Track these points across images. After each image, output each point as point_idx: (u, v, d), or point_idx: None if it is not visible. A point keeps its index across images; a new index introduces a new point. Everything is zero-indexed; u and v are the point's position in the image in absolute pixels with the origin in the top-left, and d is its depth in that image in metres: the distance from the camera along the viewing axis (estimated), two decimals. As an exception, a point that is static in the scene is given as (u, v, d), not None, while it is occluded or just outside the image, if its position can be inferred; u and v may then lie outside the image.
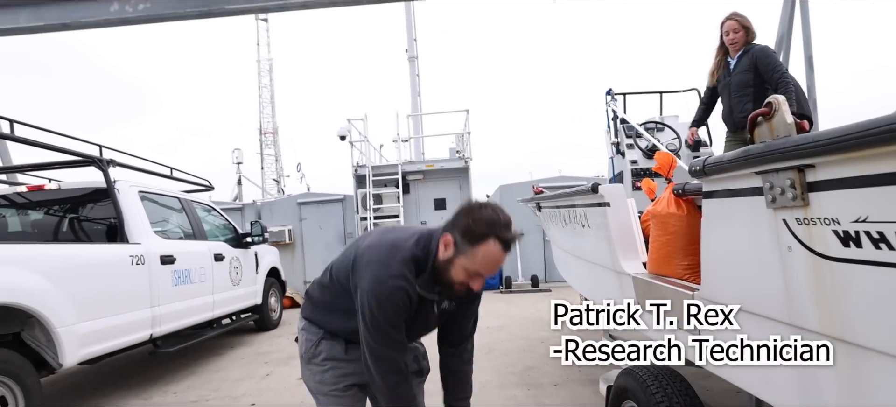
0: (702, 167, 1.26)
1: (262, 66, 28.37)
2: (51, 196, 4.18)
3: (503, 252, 1.32)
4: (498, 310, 7.14)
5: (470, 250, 1.33)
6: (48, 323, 2.94)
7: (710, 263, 1.42)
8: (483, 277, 1.39)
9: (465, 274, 1.37)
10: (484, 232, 1.31)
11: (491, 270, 1.34)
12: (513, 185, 10.36)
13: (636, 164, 4.19)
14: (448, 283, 1.42)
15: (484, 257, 1.32)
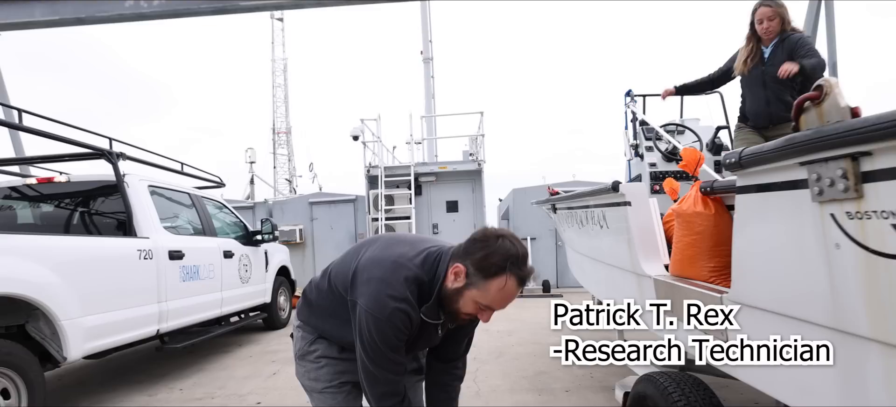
0: (738, 159, 1.15)
1: (276, 65, 28.62)
2: (60, 189, 4.17)
3: (518, 288, 1.26)
4: (509, 314, 7.01)
5: (483, 284, 1.26)
6: (53, 315, 2.90)
7: (743, 263, 1.31)
8: (493, 311, 1.31)
9: (475, 307, 1.30)
10: (501, 266, 1.24)
11: (503, 306, 1.29)
12: (526, 188, 10.24)
13: (655, 167, 4.06)
14: (453, 312, 1.34)
15: (498, 292, 1.25)
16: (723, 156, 1.25)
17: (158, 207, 4.23)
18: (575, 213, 3.19)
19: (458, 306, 1.31)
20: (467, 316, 1.34)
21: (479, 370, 4.06)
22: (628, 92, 4.60)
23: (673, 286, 1.68)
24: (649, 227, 2.02)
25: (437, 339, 1.49)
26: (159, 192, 4.40)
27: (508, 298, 1.26)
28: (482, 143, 10.16)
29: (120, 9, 7.23)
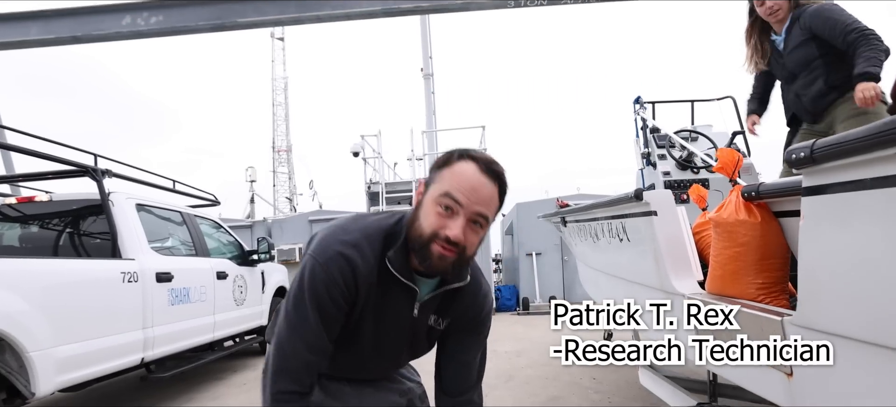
0: (809, 154, 0.92)
1: (277, 84, 28.66)
2: (41, 209, 3.96)
3: (479, 173, 0.99)
4: (516, 333, 6.76)
5: (437, 176, 1.02)
6: (19, 346, 2.65)
7: (815, 281, 1.08)
8: (459, 211, 0.99)
9: (436, 210, 0.99)
10: (451, 155, 1.03)
11: (463, 191, 0.98)
12: (530, 203, 10.04)
13: (669, 176, 3.83)
14: (422, 242, 1.01)
15: (451, 176, 1.00)
16: (787, 152, 1.03)
17: (147, 226, 4.01)
18: (588, 226, 2.96)
19: (421, 226, 1.01)
20: (438, 242, 0.99)
21: (487, 396, 3.78)
22: (637, 98, 4.40)
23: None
24: (679, 238, 1.78)
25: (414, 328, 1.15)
26: (149, 211, 4.19)
27: (469, 182, 0.98)
28: (485, 158, 9.98)
29: (117, 27, 7.10)
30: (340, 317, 1.05)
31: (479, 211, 1.00)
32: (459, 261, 1.03)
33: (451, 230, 0.98)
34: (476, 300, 1.20)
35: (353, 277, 1.02)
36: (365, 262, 1.03)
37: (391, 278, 1.05)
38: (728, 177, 1.57)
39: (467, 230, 1.00)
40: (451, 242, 0.98)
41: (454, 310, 1.17)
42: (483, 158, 1.03)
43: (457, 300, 1.16)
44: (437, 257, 1.00)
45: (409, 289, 1.07)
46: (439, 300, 1.15)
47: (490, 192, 1.01)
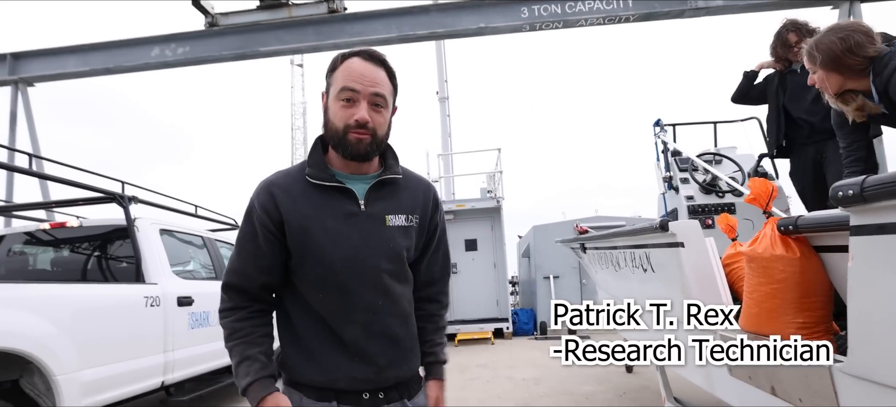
0: (859, 191, 0.89)
1: (295, 108, 29.19)
2: (72, 234, 4.05)
3: (364, 61, 1.16)
4: (534, 359, 6.65)
5: (332, 78, 1.18)
6: (47, 370, 2.69)
7: (868, 327, 1.03)
8: (357, 98, 1.15)
9: (340, 105, 1.15)
10: (339, 57, 1.20)
11: (356, 81, 1.14)
12: (547, 225, 9.97)
13: (693, 200, 3.77)
14: (339, 136, 1.16)
15: (343, 72, 1.16)
16: (833, 189, 0.99)
17: (170, 250, 4.07)
18: (609, 254, 2.92)
19: (332, 122, 1.17)
20: (351, 130, 1.15)
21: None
22: (657, 121, 4.37)
23: (751, 346, 1.39)
24: (708, 271, 1.74)
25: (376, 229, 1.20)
26: (171, 235, 4.26)
27: (358, 73, 1.15)
28: (500, 180, 9.97)
29: (146, 58, 7.38)
30: (274, 231, 1.16)
31: (375, 91, 1.15)
32: (374, 140, 1.17)
33: (357, 114, 1.13)
34: (419, 182, 1.32)
35: (270, 196, 1.17)
36: (282, 180, 1.20)
37: (320, 188, 1.18)
38: (761, 209, 1.53)
39: (371, 112, 1.15)
40: (361, 125, 1.14)
41: (404, 202, 1.25)
42: (364, 51, 1.18)
43: (402, 192, 1.26)
44: (355, 142, 1.15)
45: (341, 189, 1.19)
46: (386, 196, 1.23)
47: (378, 74, 1.17)
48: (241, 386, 1.14)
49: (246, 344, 1.17)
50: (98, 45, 7.44)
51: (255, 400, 1.11)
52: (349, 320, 1.17)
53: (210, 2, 6.92)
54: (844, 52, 1.83)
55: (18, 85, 7.39)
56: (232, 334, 1.18)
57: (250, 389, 1.12)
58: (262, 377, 1.13)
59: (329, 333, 1.17)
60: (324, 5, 6.84)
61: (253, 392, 1.11)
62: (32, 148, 7.18)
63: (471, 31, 6.92)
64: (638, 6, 6.52)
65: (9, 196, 5.84)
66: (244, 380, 1.13)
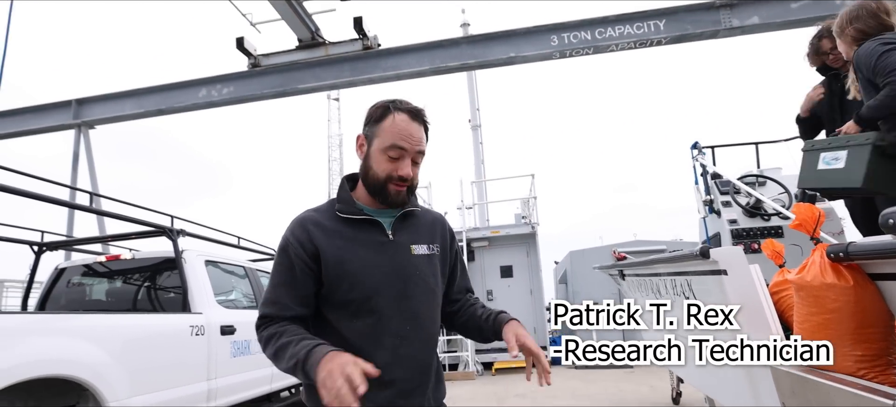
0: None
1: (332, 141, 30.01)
2: (125, 266, 4.26)
3: (411, 121, 1.26)
4: (574, 389, 6.47)
5: (377, 130, 1.27)
6: (101, 396, 2.82)
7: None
8: (406, 155, 1.25)
9: (386, 159, 1.25)
10: (385, 107, 1.28)
11: (405, 140, 1.24)
12: (584, 250, 9.78)
13: (737, 224, 3.65)
14: (379, 184, 1.27)
15: (391, 129, 1.25)
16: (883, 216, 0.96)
17: (214, 280, 4.22)
18: (649, 281, 2.85)
19: (374, 171, 1.27)
20: (393, 181, 1.26)
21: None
22: (694, 144, 4.29)
23: (810, 384, 1.32)
24: (755, 301, 1.68)
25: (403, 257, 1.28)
26: (216, 266, 4.42)
27: (406, 132, 1.24)
28: (535, 206, 9.90)
29: (194, 98, 7.81)
30: (309, 263, 1.22)
31: (419, 150, 1.27)
32: (409, 190, 1.29)
33: (402, 170, 1.25)
34: (434, 216, 1.43)
35: (305, 230, 1.25)
36: (314, 216, 1.28)
37: (351, 221, 1.27)
38: (809, 235, 1.47)
39: (412, 167, 1.26)
40: (404, 179, 1.25)
41: (424, 233, 1.35)
42: (411, 109, 1.27)
43: (421, 224, 1.36)
44: (394, 193, 1.26)
45: (370, 221, 1.28)
46: (409, 228, 1.32)
47: (421, 133, 1.28)
48: (301, 356, 1.10)
49: (295, 334, 1.17)
50: (152, 89, 7.92)
51: (315, 364, 1.07)
52: (379, 345, 1.22)
53: (253, 44, 7.28)
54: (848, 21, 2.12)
55: (81, 128, 7.92)
56: (279, 336, 1.19)
57: (314, 350, 1.09)
58: (317, 344, 1.11)
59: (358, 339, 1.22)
60: (359, 43, 7.09)
61: (316, 352, 1.08)
62: (92, 186, 7.64)
63: (501, 60, 7.01)
64: (669, 28, 6.47)
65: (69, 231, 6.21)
66: (302, 351, 1.11)
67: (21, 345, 2.54)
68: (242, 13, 6.94)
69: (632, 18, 6.56)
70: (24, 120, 8.13)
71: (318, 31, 7.10)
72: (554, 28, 6.78)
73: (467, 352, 8.17)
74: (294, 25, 6.85)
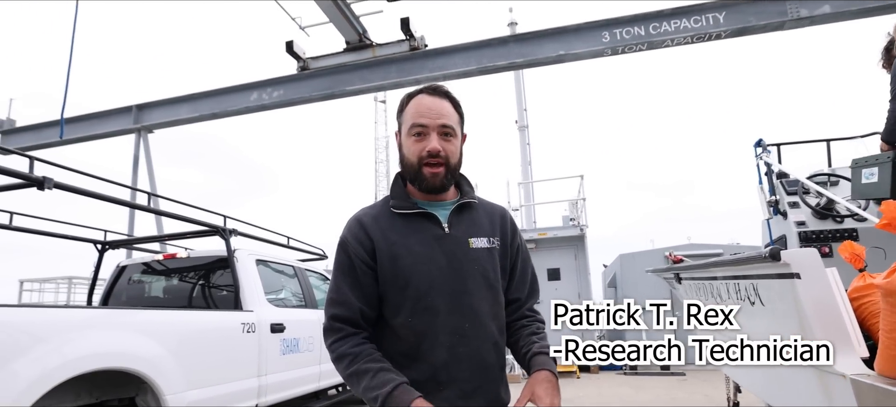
0: None
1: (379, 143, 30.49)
2: (181, 264, 4.45)
3: (430, 96, 1.24)
4: (623, 395, 6.24)
5: (402, 118, 1.28)
6: (159, 390, 2.94)
7: None
8: (427, 132, 1.22)
9: (411, 141, 1.23)
10: (406, 97, 1.28)
11: (424, 115, 1.22)
12: (635, 253, 9.45)
13: (805, 226, 3.38)
14: (414, 169, 1.23)
15: (411, 109, 1.24)
16: None
17: (264, 279, 4.34)
18: (709, 285, 2.67)
19: (407, 157, 1.24)
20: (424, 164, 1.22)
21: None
22: (758, 142, 4.02)
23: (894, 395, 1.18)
24: (832, 306, 1.52)
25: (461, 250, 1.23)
26: (266, 265, 4.54)
27: (425, 108, 1.22)
28: (583, 208, 9.64)
29: (246, 102, 8.08)
30: (368, 260, 1.20)
31: (443, 122, 1.21)
32: (448, 169, 1.23)
33: (429, 145, 1.20)
34: (494, 208, 1.37)
35: (361, 227, 1.23)
36: (369, 212, 1.27)
37: (405, 216, 1.24)
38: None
39: (442, 142, 1.21)
40: (433, 156, 1.20)
41: (484, 226, 1.30)
42: (428, 87, 1.26)
43: (481, 216, 1.31)
44: (430, 175, 1.22)
45: (425, 215, 1.24)
46: (466, 220, 1.28)
47: (444, 106, 1.23)
48: (383, 394, 1.08)
49: (373, 360, 1.14)
50: (206, 93, 8.27)
51: (403, 402, 1.06)
52: (437, 343, 1.17)
53: (302, 47, 7.46)
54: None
55: (141, 132, 8.36)
56: (355, 358, 1.15)
57: (396, 392, 1.07)
58: (403, 383, 1.09)
59: (417, 360, 1.17)
60: (405, 44, 7.12)
61: (399, 396, 1.07)
62: (150, 187, 8.06)
63: (550, 58, 6.85)
64: (730, 20, 6.11)
65: (130, 230, 6.56)
66: (384, 388, 1.08)
67: (87, 338, 2.69)
68: (292, 17, 7.13)
69: (689, 11, 6.24)
70: (89, 125, 8.66)
71: (365, 33, 7.18)
72: (605, 24, 6.55)
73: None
74: (342, 28, 6.96)
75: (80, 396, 2.94)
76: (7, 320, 2.37)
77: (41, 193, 2.88)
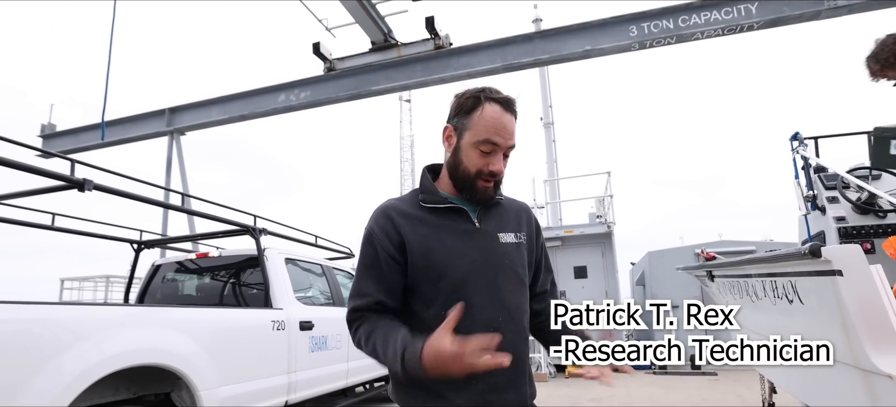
0: None
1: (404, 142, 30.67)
2: (212, 263, 4.56)
3: (504, 113, 1.20)
4: (652, 395, 6.13)
5: (468, 122, 1.21)
6: (193, 386, 3.01)
7: None
8: (498, 150, 1.21)
9: (477, 153, 1.20)
10: (475, 97, 1.22)
11: (499, 134, 1.19)
12: (664, 251, 9.27)
13: (845, 222, 3.25)
14: (469, 179, 1.22)
15: (484, 121, 1.19)
16: None
17: (293, 277, 4.41)
18: (744, 282, 2.60)
19: (465, 166, 1.22)
20: (482, 176, 1.21)
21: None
22: (795, 135, 3.88)
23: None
24: (877, 304, 1.46)
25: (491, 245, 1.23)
26: (294, 264, 4.61)
27: (499, 124, 1.19)
28: (610, 205, 9.50)
29: (274, 103, 8.23)
30: (394, 253, 1.19)
31: (511, 145, 1.22)
32: (497, 185, 1.26)
33: (494, 166, 1.20)
34: (518, 204, 1.38)
35: (389, 219, 1.22)
36: (398, 205, 1.25)
37: (435, 210, 1.24)
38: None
39: (503, 161, 1.23)
40: (495, 174, 1.22)
41: (511, 221, 1.31)
42: (504, 99, 1.22)
43: (507, 212, 1.32)
44: (483, 189, 1.23)
45: (455, 209, 1.24)
46: (495, 216, 1.28)
47: (513, 126, 1.22)
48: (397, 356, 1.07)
49: (387, 329, 1.14)
50: (235, 96, 8.46)
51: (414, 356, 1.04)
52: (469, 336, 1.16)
53: (328, 48, 7.55)
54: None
55: (174, 134, 8.61)
56: (371, 334, 1.16)
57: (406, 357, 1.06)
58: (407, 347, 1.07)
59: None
60: (430, 43, 7.13)
61: (409, 361, 1.05)
62: (183, 188, 8.28)
63: (576, 54, 6.77)
64: (763, 11, 5.92)
65: (164, 230, 6.76)
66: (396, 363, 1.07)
67: (126, 335, 2.78)
68: (318, 19, 7.22)
69: (719, 3, 6.07)
70: (125, 129, 8.96)
71: (390, 33, 7.23)
72: (632, 18, 6.43)
73: (539, 353, 7.98)
74: (367, 28, 7.01)
75: (119, 391, 3.04)
76: (52, 317, 2.47)
77: (80, 195, 2.99)
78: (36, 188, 3.30)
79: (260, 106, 8.30)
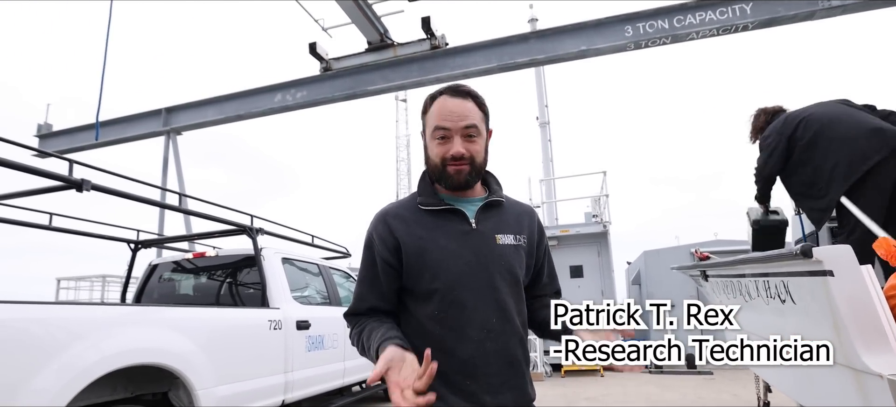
0: None
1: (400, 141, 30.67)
2: (209, 262, 4.56)
3: (451, 98, 1.24)
4: (649, 395, 6.16)
5: (426, 120, 1.29)
6: (191, 385, 3.02)
7: None
8: (450, 135, 1.23)
9: (435, 143, 1.24)
10: (429, 99, 1.29)
11: (447, 118, 1.23)
12: (660, 250, 9.32)
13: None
14: (438, 170, 1.25)
15: (434, 112, 1.25)
16: None
17: (290, 277, 4.42)
18: (737, 282, 2.62)
19: (431, 159, 1.27)
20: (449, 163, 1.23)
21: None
22: (789, 136, 3.90)
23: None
24: (867, 304, 1.48)
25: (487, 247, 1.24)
26: (291, 263, 4.62)
27: (448, 110, 1.23)
28: (606, 204, 9.54)
29: (270, 103, 8.22)
30: (391, 259, 1.24)
31: (465, 124, 1.22)
32: (473, 168, 1.25)
33: (452, 149, 1.22)
34: (522, 207, 1.39)
35: (386, 224, 1.26)
36: (395, 209, 1.29)
37: (432, 212, 1.26)
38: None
39: (465, 144, 1.22)
40: (457, 157, 1.22)
41: (511, 223, 1.31)
42: (450, 87, 1.26)
43: (508, 214, 1.33)
44: (455, 172, 1.23)
45: (452, 211, 1.26)
46: (494, 217, 1.29)
47: (466, 107, 1.23)
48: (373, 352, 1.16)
49: (372, 329, 1.22)
50: (232, 95, 8.44)
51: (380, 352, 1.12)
52: (464, 337, 1.19)
53: (324, 48, 7.55)
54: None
55: (170, 134, 8.58)
56: (360, 334, 1.25)
57: (379, 348, 1.13)
58: (387, 338, 1.14)
59: (444, 355, 1.16)
60: (426, 43, 7.14)
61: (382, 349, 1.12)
62: (180, 188, 8.26)
63: (572, 54, 6.79)
64: (757, 12, 5.95)
65: (161, 230, 6.74)
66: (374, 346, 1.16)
67: (123, 335, 2.78)
68: (315, 19, 7.22)
69: (714, 3, 6.10)
70: (121, 128, 8.92)
71: (386, 33, 7.23)
72: (628, 18, 6.46)
73: (535, 352, 8.01)
74: (364, 28, 7.02)
75: (116, 391, 3.04)
76: (49, 317, 2.47)
77: (77, 195, 2.99)
78: (34, 188, 3.30)
79: (256, 106, 8.28)
